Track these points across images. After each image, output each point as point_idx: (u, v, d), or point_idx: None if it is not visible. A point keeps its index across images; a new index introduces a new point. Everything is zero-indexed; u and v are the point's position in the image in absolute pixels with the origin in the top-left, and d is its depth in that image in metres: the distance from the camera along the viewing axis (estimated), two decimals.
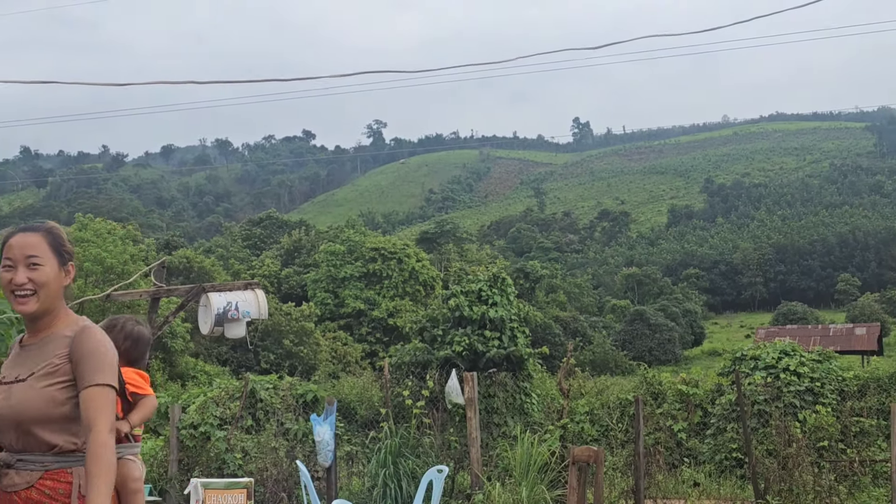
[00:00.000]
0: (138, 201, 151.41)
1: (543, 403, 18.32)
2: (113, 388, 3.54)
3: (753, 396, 16.70)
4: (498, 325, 18.86)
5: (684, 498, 15.13)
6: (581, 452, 7.93)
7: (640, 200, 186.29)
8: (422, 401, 17.41)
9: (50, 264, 3.61)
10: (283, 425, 18.19)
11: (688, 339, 77.92)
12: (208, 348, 35.04)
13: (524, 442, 15.76)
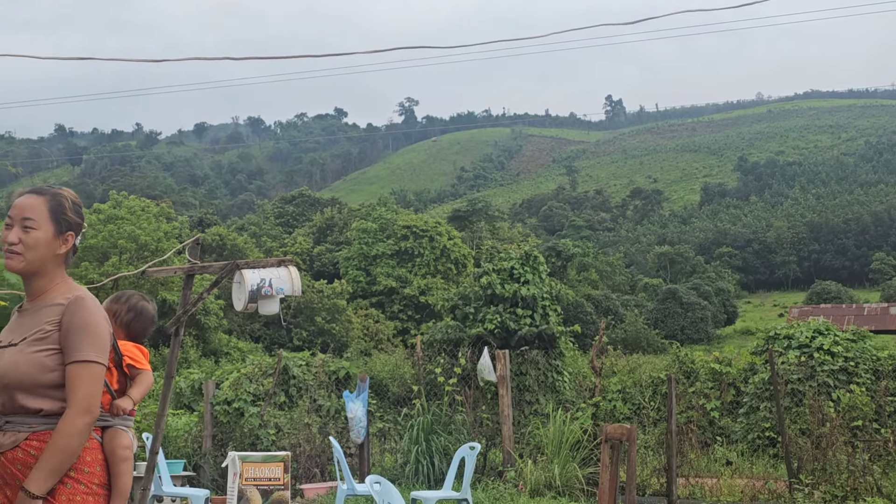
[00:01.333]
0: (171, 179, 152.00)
1: (575, 381, 18.30)
2: (98, 364, 3.54)
3: (787, 375, 16.61)
4: (530, 303, 18.83)
5: (717, 476, 15.08)
6: (614, 430, 7.89)
7: (673, 178, 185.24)
8: (454, 378, 17.43)
9: (44, 229, 3.60)
10: (316, 402, 18.26)
11: (720, 317, 77.51)
12: (241, 325, 35.23)
13: (556, 419, 15.75)
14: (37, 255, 3.59)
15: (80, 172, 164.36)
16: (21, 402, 3.47)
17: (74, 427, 3.41)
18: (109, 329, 3.66)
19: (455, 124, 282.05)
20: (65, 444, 3.39)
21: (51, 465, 3.38)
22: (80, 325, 3.51)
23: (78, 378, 3.45)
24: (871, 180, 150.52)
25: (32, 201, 3.62)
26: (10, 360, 3.49)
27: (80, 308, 3.54)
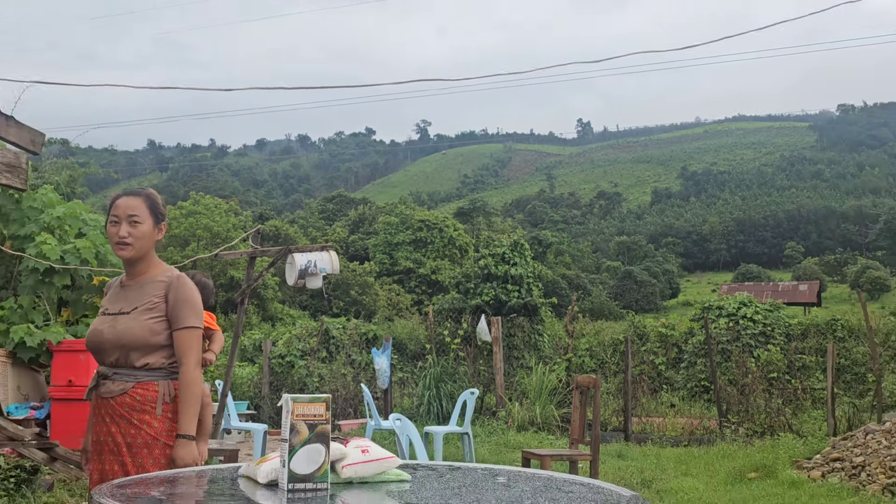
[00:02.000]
0: (238, 182, 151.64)
1: (553, 341, 18.34)
2: (199, 328, 3.60)
3: (718, 337, 16.64)
4: (517, 281, 18.85)
5: (663, 416, 15.12)
6: (582, 379, 7.91)
7: (630, 184, 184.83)
8: (458, 339, 17.49)
9: (147, 223, 3.60)
10: (350, 357, 18.33)
11: (666, 292, 77.32)
12: (292, 296, 35.26)
13: (537, 371, 15.80)
14: (142, 244, 3.60)
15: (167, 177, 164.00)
16: (132, 358, 3.49)
17: (196, 377, 3.48)
18: (202, 302, 3.69)
19: (460, 140, 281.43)
20: (193, 391, 3.45)
21: (191, 409, 3.44)
22: (184, 299, 3.54)
23: (188, 340, 3.50)
24: (784, 185, 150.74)
25: (134, 202, 3.62)
26: (126, 325, 3.50)
27: (183, 285, 3.57)
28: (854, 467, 8.81)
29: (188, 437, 3.42)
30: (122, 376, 3.49)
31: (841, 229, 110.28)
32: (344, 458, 2.49)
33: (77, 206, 10.81)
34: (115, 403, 3.46)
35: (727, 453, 10.94)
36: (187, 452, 3.40)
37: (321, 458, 2.35)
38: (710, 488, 8.58)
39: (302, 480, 2.32)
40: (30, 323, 9.43)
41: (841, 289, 74.70)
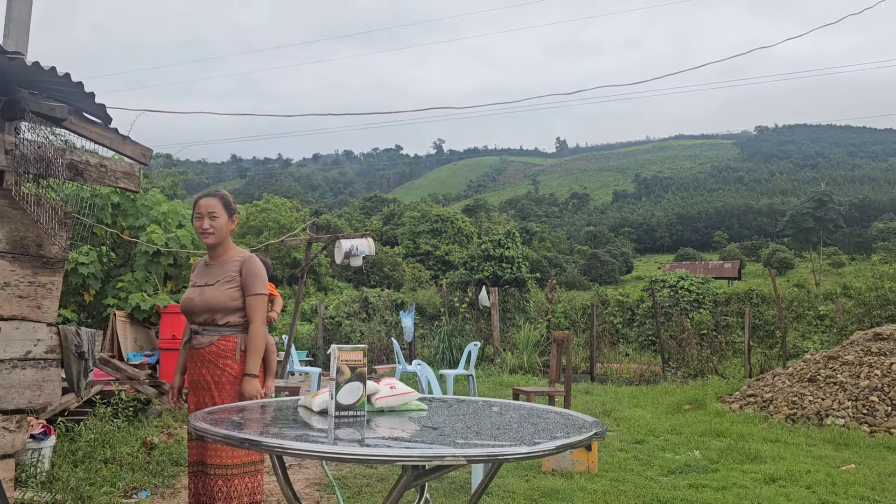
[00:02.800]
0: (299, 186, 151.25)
1: (536, 306, 18.32)
2: (264, 295, 3.61)
3: (662, 303, 16.58)
4: (510, 260, 18.81)
5: (620, 363, 15.10)
6: (558, 334, 7.91)
7: (596, 187, 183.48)
8: (465, 304, 17.48)
9: (223, 217, 3.62)
10: (384, 317, 18.36)
11: (623, 269, 76.87)
12: (340, 272, 35.27)
13: (525, 329, 15.79)
14: (221, 233, 3.62)
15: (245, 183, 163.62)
16: (216, 318, 3.52)
17: (260, 332, 3.50)
18: (266, 275, 3.71)
19: (466, 154, 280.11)
20: (258, 342, 3.47)
21: (255, 355, 3.46)
22: (254, 273, 3.56)
23: (256, 304, 3.51)
24: (713, 188, 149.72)
25: (212, 201, 3.65)
26: (212, 294, 3.54)
27: (253, 263, 3.59)
28: (764, 401, 8.79)
29: (252, 375, 3.44)
30: (210, 332, 3.52)
31: (757, 221, 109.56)
32: (377, 393, 2.51)
33: (177, 205, 10.84)
34: (205, 352, 3.49)
35: (668, 391, 10.93)
36: (252, 386, 3.43)
37: (360, 393, 2.36)
38: (655, 416, 8.58)
39: (345, 409, 2.34)
40: (143, 292, 9.49)
41: (756, 267, 74.18)
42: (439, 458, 1.75)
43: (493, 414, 2.54)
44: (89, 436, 5.68)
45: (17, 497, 3.95)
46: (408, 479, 1.91)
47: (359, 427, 2.21)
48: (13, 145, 3.68)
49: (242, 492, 3.38)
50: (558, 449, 1.91)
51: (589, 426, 2.23)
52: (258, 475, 3.47)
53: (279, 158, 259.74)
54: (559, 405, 7.56)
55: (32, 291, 3.74)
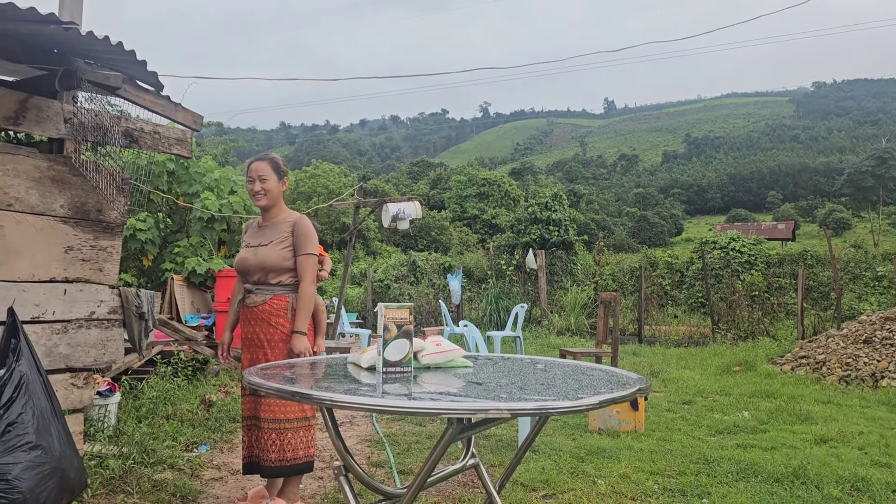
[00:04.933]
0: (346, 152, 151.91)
1: (584, 269, 18.21)
2: (314, 255, 3.65)
3: (712, 265, 16.31)
4: (557, 223, 18.69)
5: (668, 325, 14.96)
6: (606, 295, 7.86)
7: (645, 148, 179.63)
8: (512, 267, 17.48)
9: (272, 179, 3.68)
10: (431, 281, 18.49)
11: (672, 231, 75.54)
12: (388, 236, 35.53)
13: (572, 291, 15.73)
14: (271, 195, 3.68)
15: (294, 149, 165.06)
16: (269, 278, 3.60)
17: (309, 291, 3.57)
18: (317, 236, 3.75)
19: (513, 117, 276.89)
20: (307, 301, 3.54)
21: (304, 313, 3.53)
22: (304, 233, 3.61)
23: (306, 263, 3.58)
24: (767, 147, 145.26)
25: (261, 165, 3.71)
26: (265, 254, 3.61)
27: (304, 224, 3.66)
28: (817, 363, 8.62)
29: (301, 333, 3.51)
30: (262, 291, 3.61)
31: (813, 181, 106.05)
32: (423, 350, 2.56)
33: (229, 171, 11.03)
34: (258, 311, 3.59)
35: (717, 352, 10.81)
36: (300, 342, 3.50)
37: (406, 349, 2.41)
38: (703, 378, 8.51)
39: (392, 365, 2.39)
40: (198, 257, 9.74)
41: (812, 227, 72.04)
42: (483, 411, 1.78)
43: (538, 371, 2.56)
44: (151, 393, 5.91)
45: (86, 449, 4.16)
46: (453, 433, 1.95)
47: (405, 382, 2.25)
48: (71, 114, 3.80)
49: (296, 445, 3.49)
50: (602, 403, 1.92)
51: (633, 382, 2.24)
52: (311, 430, 3.57)
53: (327, 125, 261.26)
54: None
55: (94, 255, 3.89)
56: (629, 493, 3.90)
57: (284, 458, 3.47)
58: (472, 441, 2.78)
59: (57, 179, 3.72)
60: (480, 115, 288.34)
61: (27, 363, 3.39)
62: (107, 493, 3.72)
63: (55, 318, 3.70)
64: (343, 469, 2.25)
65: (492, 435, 5.39)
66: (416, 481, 2.04)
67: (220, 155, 19.31)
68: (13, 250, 3.51)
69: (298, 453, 3.49)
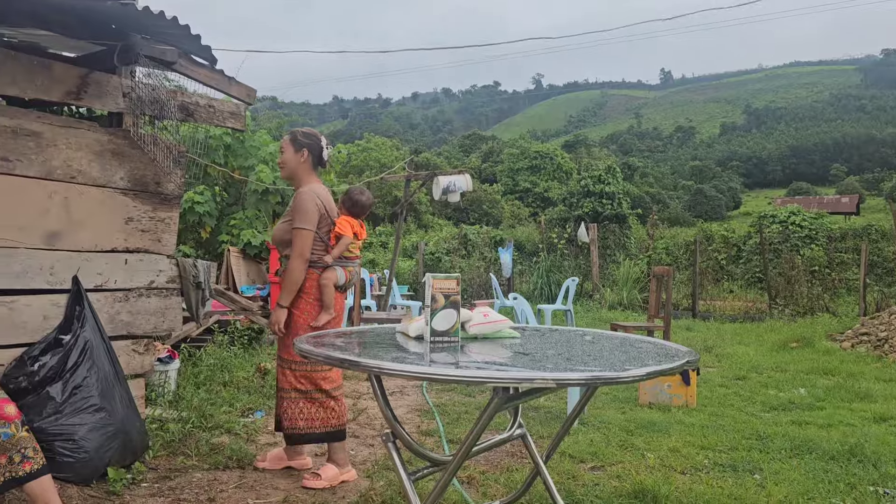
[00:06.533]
0: (398, 125, 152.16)
1: (637, 243, 17.95)
2: (305, 230, 3.51)
3: (770, 239, 15.87)
4: (610, 196, 18.43)
5: (723, 300, 14.66)
6: (659, 269, 7.74)
7: (702, 119, 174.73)
8: (563, 240, 17.35)
9: (288, 151, 3.69)
10: (482, 254, 18.48)
11: (730, 205, 73.53)
12: (440, 210, 35.61)
13: (625, 265, 15.54)
14: (288, 167, 3.71)
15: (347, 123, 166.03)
16: (285, 251, 3.67)
17: (293, 265, 3.53)
18: (315, 209, 3.58)
19: (567, 89, 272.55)
20: (290, 276, 3.53)
21: (286, 287, 3.55)
22: (296, 206, 3.59)
23: (294, 238, 3.55)
24: (831, 118, 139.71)
25: (283, 140, 3.78)
26: (278, 227, 3.71)
27: (299, 197, 3.60)
28: (879, 340, 8.35)
29: (279, 306, 3.57)
30: (283, 265, 3.69)
31: (880, 153, 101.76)
32: (470, 320, 2.56)
33: None
34: (280, 284, 3.68)
35: (774, 328, 10.56)
36: (275, 315, 3.58)
37: (454, 319, 2.42)
38: (759, 353, 8.33)
39: (440, 335, 2.40)
40: (254, 229, 9.93)
41: (878, 201, 69.18)
42: (529, 380, 1.78)
43: (586, 342, 2.54)
44: (209, 361, 6.09)
45: (148, 413, 4.32)
46: (499, 402, 1.96)
47: (453, 352, 2.27)
48: (130, 88, 3.89)
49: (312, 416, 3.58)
50: (649, 375, 1.90)
51: (682, 355, 2.21)
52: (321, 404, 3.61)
53: (379, 98, 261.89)
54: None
55: (153, 226, 4.00)
56: (679, 467, 3.87)
57: (297, 427, 3.58)
58: (519, 411, 2.79)
59: (117, 152, 3.83)
60: (533, 87, 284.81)
61: (91, 330, 3.53)
62: (167, 455, 3.87)
63: (117, 287, 3.83)
64: (391, 436, 2.28)
65: (540, 407, 5.40)
66: (462, 448, 2.06)
67: (274, 129, 19.57)
68: (76, 221, 3.63)
69: (314, 423, 3.58)
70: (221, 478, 3.59)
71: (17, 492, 3.06)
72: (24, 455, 2.65)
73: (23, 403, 3.06)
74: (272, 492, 3.42)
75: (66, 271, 3.58)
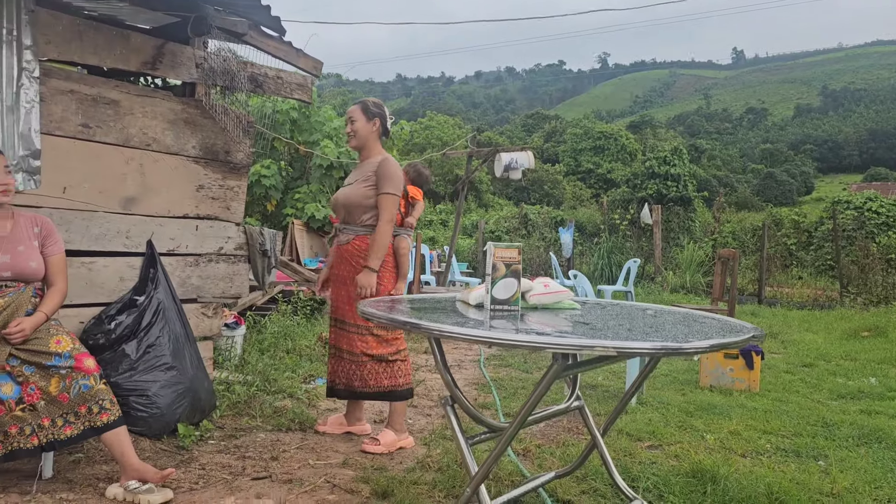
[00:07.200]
0: (461, 104, 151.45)
1: (702, 226, 17.53)
2: (396, 195, 3.61)
3: (844, 225, 15.25)
4: (676, 178, 18.02)
5: (791, 287, 14.21)
6: (724, 252, 7.55)
7: (775, 101, 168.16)
8: (625, 222, 17.08)
9: (360, 120, 3.73)
10: (542, 234, 18.37)
11: (802, 190, 70.79)
12: (501, 189, 35.47)
13: (689, 248, 15.23)
14: (360, 135, 3.74)
15: (410, 101, 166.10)
16: (354, 217, 3.69)
17: (383, 229, 3.57)
18: (402, 176, 3.72)
19: (633, 68, 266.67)
20: (381, 238, 3.57)
21: (376, 250, 3.57)
22: (386, 173, 3.62)
23: (385, 203, 3.59)
24: None
25: (353, 108, 3.80)
26: (350, 192, 3.70)
27: (387, 164, 3.65)
28: None
29: (371, 269, 3.57)
30: (348, 231, 3.73)
31: None
32: (531, 290, 2.57)
33: None
34: (343, 250, 3.72)
35: (845, 317, 10.19)
36: (365, 277, 3.56)
37: (514, 288, 2.42)
38: (827, 342, 8.07)
39: (500, 303, 2.41)
40: (317, 203, 10.11)
41: None
42: (589, 347, 1.78)
43: (648, 316, 2.52)
44: (273, 328, 6.26)
45: (215, 375, 4.48)
46: (558, 369, 1.96)
47: (512, 320, 2.28)
48: (202, 59, 3.99)
49: (380, 375, 3.65)
50: (712, 347, 1.88)
51: (747, 330, 2.16)
52: (391, 365, 3.67)
53: (442, 76, 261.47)
54: None
55: (222, 194, 4.12)
56: (739, 450, 3.80)
57: (367, 386, 3.66)
58: (577, 383, 2.79)
59: (189, 121, 3.94)
60: (599, 66, 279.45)
61: (164, 292, 3.67)
62: (233, 415, 4.01)
63: (188, 252, 3.96)
64: (449, 399, 2.31)
65: (598, 385, 5.37)
66: (520, 415, 2.08)
67: (338, 106, 19.81)
68: (151, 187, 3.77)
69: (383, 382, 3.66)
70: (284, 439, 3.71)
71: (94, 441, 3.24)
72: (101, 406, 2.79)
73: (100, 359, 3.21)
74: (332, 454, 3.51)
75: (140, 235, 3.73)
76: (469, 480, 2.14)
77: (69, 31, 3.41)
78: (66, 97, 3.41)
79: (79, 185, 3.47)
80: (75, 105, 3.44)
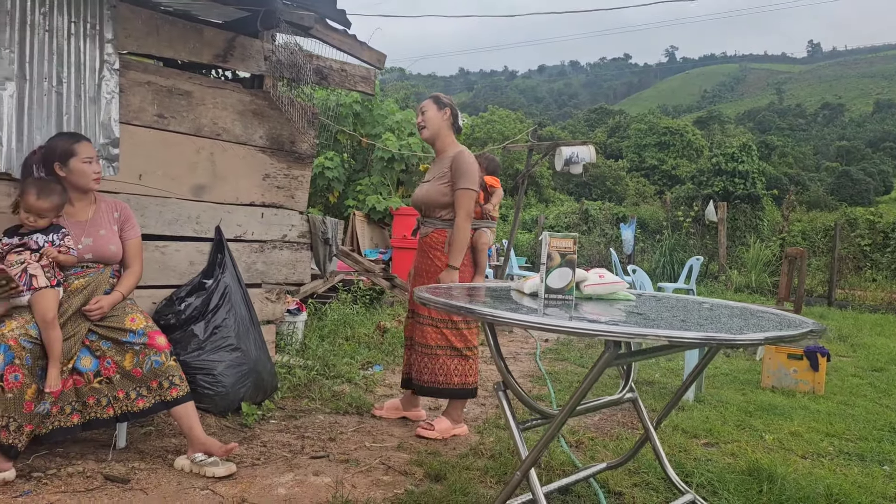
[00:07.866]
0: (523, 98, 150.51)
1: (770, 225, 17.02)
2: (472, 190, 3.63)
3: None
4: (744, 175, 17.56)
5: (864, 289, 13.68)
6: (792, 250, 7.35)
7: (853, 96, 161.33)
8: (689, 219, 16.74)
9: (431, 111, 3.76)
10: (603, 230, 18.17)
11: (879, 189, 67.68)
12: (561, 185, 35.17)
13: (755, 247, 14.84)
14: (432, 125, 3.78)
15: (472, 95, 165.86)
16: (432, 212, 3.77)
17: (461, 226, 3.62)
18: (478, 169, 3.75)
19: (701, 62, 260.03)
20: (459, 235, 3.61)
21: (456, 248, 3.62)
22: (460, 168, 3.65)
23: (461, 199, 3.63)
24: None
25: (425, 102, 3.85)
26: (428, 188, 3.76)
27: (462, 158, 3.68)
28: None
29: (453, 268, 3.61)
30: (427, 224, 3.80)
31: None
32: (585, 280, 2.59)
33: (410, 114, 11.42)
34: (423, 243, 3.80)
35: None
36: (448, 276, 3.60)
37: (568, 278, 2.45)
38: None
39: (554, 292, 2.45)
40: (379, 195, 10.27)
41: None
42: (641, 336, 1.80)
43: (703, 309, 2.51)
44: (333, 316, 6.42)
45: (277, 359, 4.64)
46: (609, 357, 1.99)
47: (566, 308, 2.31)
48: (270, 52, 4.13)
49: (450, 371, 3.67)
50: (768, 340, 1.87)
51: (806, 325, 2.14)
52: (466, 361, 3.68)
53: (505, 70, 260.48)
54: None
55: (287, 183, 4.26)
56: (799, 451, 3.73)
57: (436, 381, 3.65)
58: (631, 374, 2.80)
59: (257, 112, 4.09)
60: (666, 59, 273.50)
61: (230, 276, 3.83)
62: (293, 397, 4.15)
63: (254, 238, 4.12)
64: (502, 385, 2.36)
65: (655, 382, 5.33)
66: (570, 402, 2.11)
67: (401, 99, 20.01)
68: (220, 175, 3.93)
69: (452, 379, 3.66)
70: (341, 421, 3.82)
71: (164, 415, 3.41)
72: (171, 382, 2.94)
73: (171, 338, 3.38)
74: (388, 438, 3.61)
75: (210, 221, 3.89)
76: (519, 464, 2.19)
77: (147, 25, 3.59)
78: (143, 88, 3.59)
79: (153, 172, 3.65)
80: (151, 96, 3.62)
